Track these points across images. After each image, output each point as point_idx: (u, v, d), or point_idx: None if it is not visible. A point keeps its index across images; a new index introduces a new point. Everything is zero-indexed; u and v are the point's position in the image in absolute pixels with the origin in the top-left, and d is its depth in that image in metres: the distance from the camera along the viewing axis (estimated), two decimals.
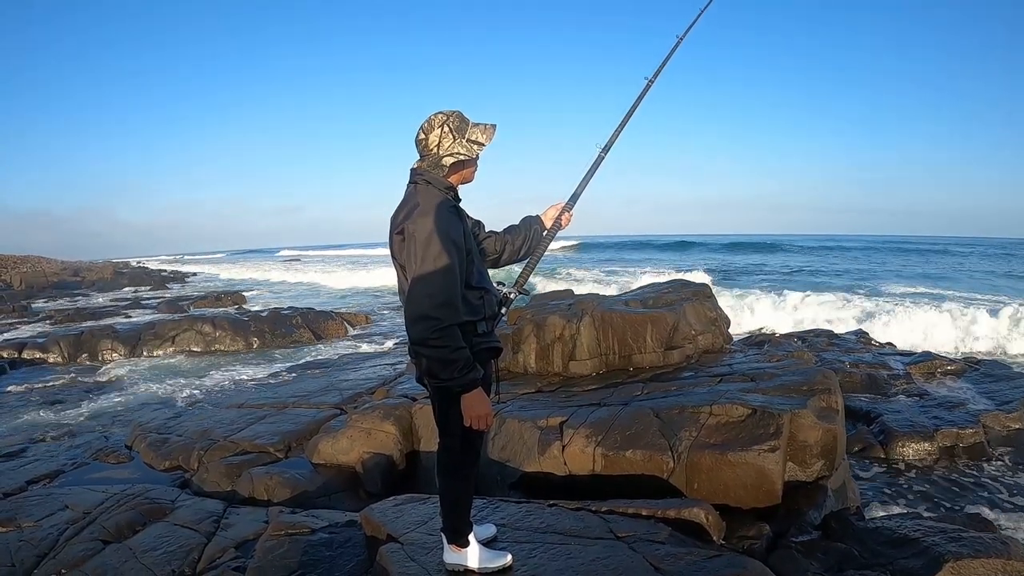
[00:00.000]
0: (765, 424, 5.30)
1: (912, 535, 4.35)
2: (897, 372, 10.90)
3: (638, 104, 4.24)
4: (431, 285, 3.04)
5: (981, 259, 51.15)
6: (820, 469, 5.42)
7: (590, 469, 5.57)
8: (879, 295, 25.13)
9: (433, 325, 3.02)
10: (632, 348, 7.76)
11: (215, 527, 5.66)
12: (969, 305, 19.30)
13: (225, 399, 10.99)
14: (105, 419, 10.94)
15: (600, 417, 5.97)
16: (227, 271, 58.01)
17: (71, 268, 50.30)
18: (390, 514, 4.53)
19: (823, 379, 6.20)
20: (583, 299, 8.96)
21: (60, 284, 42.25)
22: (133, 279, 48.16)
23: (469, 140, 3.31)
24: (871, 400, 9.51)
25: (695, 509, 4.35)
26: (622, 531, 4.06)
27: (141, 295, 36.00)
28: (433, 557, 3.79)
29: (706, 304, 8.69)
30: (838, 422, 5.66)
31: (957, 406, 8.87)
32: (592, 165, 4.03)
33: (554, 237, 3.87)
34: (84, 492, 6.39)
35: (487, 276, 3.49)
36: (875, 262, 49.90)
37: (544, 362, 8.05)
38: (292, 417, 8.99)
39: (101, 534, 5.46)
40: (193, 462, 7.98)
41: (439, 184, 3.28)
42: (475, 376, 3.13)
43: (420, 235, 3.08)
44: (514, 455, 6.03)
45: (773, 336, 14.58)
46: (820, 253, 60.12)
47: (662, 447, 5.36)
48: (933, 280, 34.03)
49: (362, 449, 7.09)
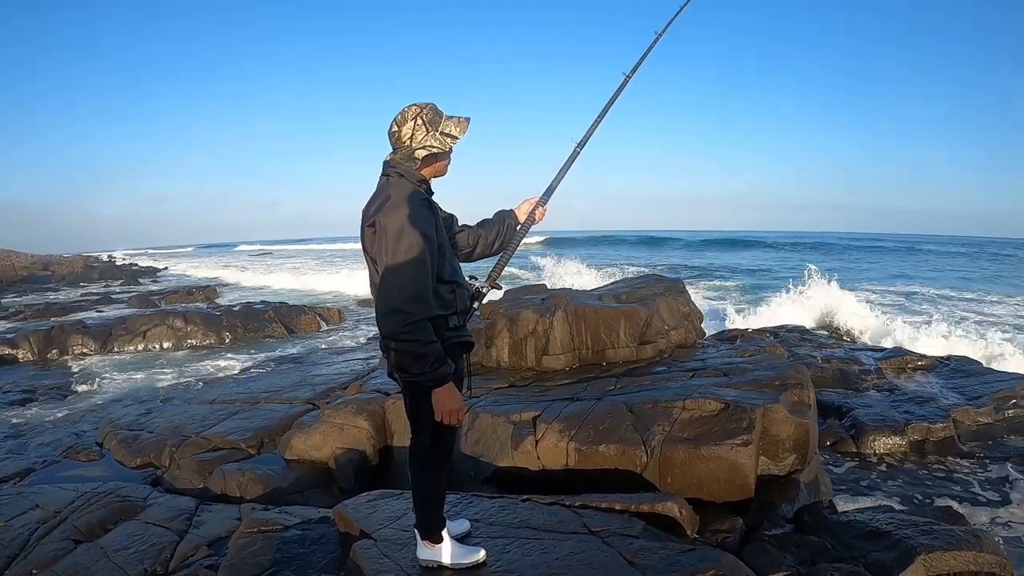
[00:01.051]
0: (738, 418, 5.32)
1: (884, 528, 4.38)
2: (868, 367, 10.97)
3: (615, 99, 4.24)
4: (402, 279, 3.01)
5: (957, 258, 51.43)
6: (792, 463, 5.45)
7: (564, 464, 5.57)
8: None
9: (404, 319, 3.00)
10: (605, 343, 7.76)
11: (187, 525, 5.60)
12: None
13: (197, 395, 10.90)
14: (75, 416, 10.81)
15: (573, 412, 5.97)
16: (196, 268, 56.91)
17: (41, 262, 49.65)
18: (363, 510, 4.50)
19: (795, 374, 6.23)
20: (556, 294, 8.95)
21: (30, 278, 41.77)
22: (104, 273, 47.68)
23: (442, 133, 3.28)
24: (842, 395, 9.57)
25: (669, 503, 4.35)
26: (596, 525, 4.06)
27: (112, 290, 35.61)
28: (407, 553, 3.77)
29: (679, 299, 8.71)
30: (810, 416, 5.70)
31: (927, 401, 8.94)
32: (567, 160, 4.02)
33: (528, 231, 3.85)
34: (55, 491, 6.30)
35: (459, 270, 3.47)
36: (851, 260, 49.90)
37: (517, 356, 8.04)
38: (264, 412, 8.93)
39: (72, 533, 5.39)
40: (165, 459, 7.91)
41: (411, 177, 3.25)
42: (446, 371, 3.12)
43: (391, 228, 3.06)
44: (487, 450, 6.02)
45: (746, 331, 14.63)
46: (800, 250, 60.20)
47: (635, 441, 5.36)
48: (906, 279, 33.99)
49: (335, 444, 7.05)
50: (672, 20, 4.62)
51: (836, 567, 4.07)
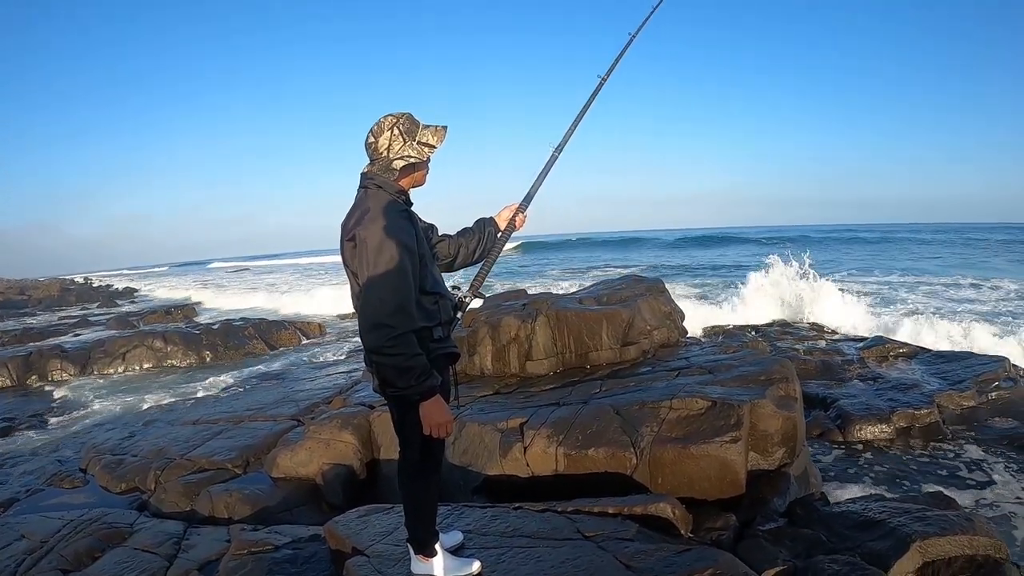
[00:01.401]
0: (726, 415, 5.33)
1: (878, 517, 4.39)
2: (851, 357, 11.05)
3: (591, 102, 4.22)
4: (384, 292, 2.98)
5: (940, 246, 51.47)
6: (782, 457, 5.46)
7: (553, 469, 5.55)
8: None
9: (388, 333, 2.96)
10: (588, 346, 7.76)
11: (176, 549, 5.54)
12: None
13: (180, 415, 10.78)
14: (58, 442, 10.66)
15: (560, 416, 5.96)
16: (173, 289, 55.57)
17: (17, 286, 49.23)
18: (354, 526, 4.46)
19: (780, 368, 6.25)
20: (537, 299, 8.95)
21: (6, 303, 41.32)
22: (80, 296, 47.27)
23: (420, 142, 3.25)
24: (827, 386, 9.61)
25: (661, 504, 4.34)
26: (589, 530, 4.04)
27: (89, 312, 35.31)
28: (400, 568, 3.73)
29: (660, 299, 8.73)
30: (797, 410, 5.72)
31: (911, 388, 9.00)
32: (546, 165, 4.00)
33: (509, 238, 3.83)
34: (40, 520, 6.23)
35: (441, 280, 3.44)
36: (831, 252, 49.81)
37: (500, 363, 8.02)
38: (249, 431, 8.86)
39: (60, 563, 5.32)
40: (150, 483, 7.82)
41: (390, 188, 3.21)
42: (433, 383, 3.08)
43: (372, 241, 3.02)
44: (476, 459, 5.99)
45: (728, 328, 14.68)
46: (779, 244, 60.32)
47: (624, 444, 5.35)
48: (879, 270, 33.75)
49: (321, 460, 7.00)
50: (645, 21, 4.62)
51: (832, 559, 4.06)
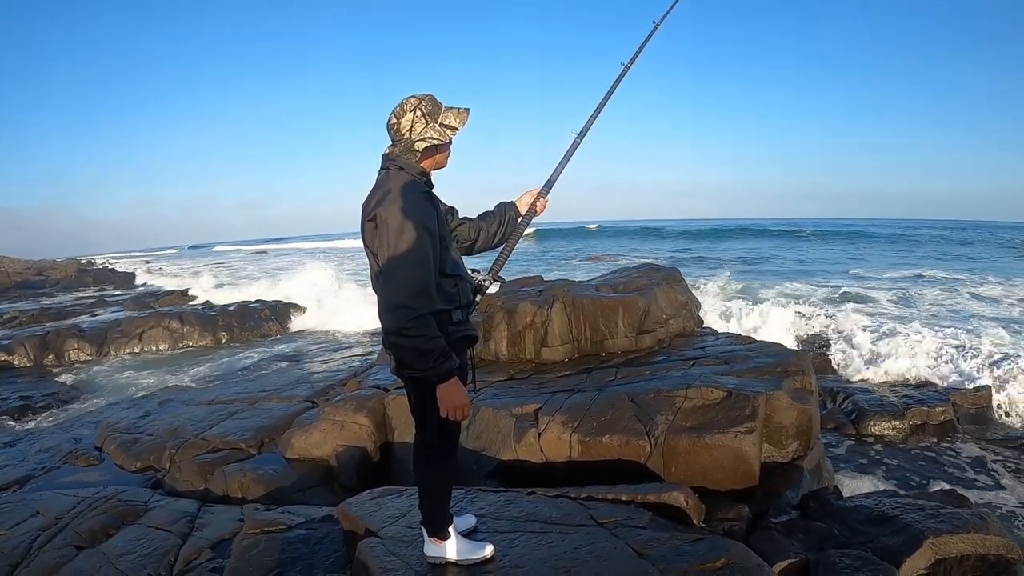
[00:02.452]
0: (741, 406, 5.31)
1: (891, 513, 4.37)
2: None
3: (614, 90, 4.21)
4: (405, 273, 2.97)
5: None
6: (796, 449, 5.44)
7: (567, 456, 5.55)
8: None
9: (407, 314, 2.96)
10: (604, 333, 7.74)
11: (190, 527, 5.58)
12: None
13: (195, 396, 10.83)
14: (73, 421, 10.77)
15: (575, 403, 5.96)
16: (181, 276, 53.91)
17: (35, 267, 49.40)
18: (367, 508, 4.47)
19: (797, 360, 6.23)
20: (553, 285, 8.94)
21: (24, 284, 41.59)
22: (98, 277, 47.53)
23: (442, 124, 3.24)
24: (843, 380, 9.59)
25: (675, 493, 4.33)
26: (603, 517, 4.04)
27: (106, 293, 35.53)
28: (413, 550, 3.74)
29: (676, 288, 8.69)
30: (812, 403, 5.69)
31: (926, 384, 8.98)
32: (567, 151, 3.99)
33: (529, 223, 3.83)
34: (55, 497, 6.27)
35: (461, 263, 3.42)
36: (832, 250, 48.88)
37: (516, 349, 8.01)
38: (263, 412, 8.90)
39: (74, 540, 5.36)
40: (165, 461, 7.87)
41: (411, 170, 3.20)
42: (451, 366, 3.07)
43: (392, 222, 3.01)
44: (489, 444, 6.00)
45: None
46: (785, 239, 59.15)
47: (638, 432, 5.34)
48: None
49: (336, 442, 7.02)
50: (670, 10, 4.58)
51: (844, 552, 4.05)
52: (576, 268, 33.64)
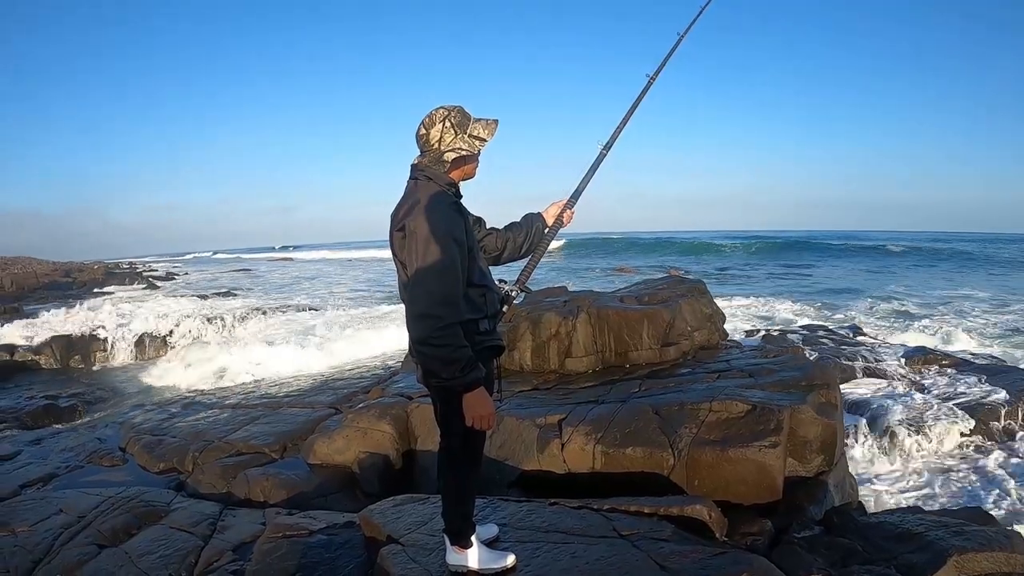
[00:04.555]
0: (765, 420, 5.29)
1: (915, 530, 4.33)
2: (893, 366, 10.93)
3: (639, 102, 4.21)
4: (433, 283, 2.99)
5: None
6: (820, 464, 5.42)
7: (590, 467, 5.55)
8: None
9: (435, 324, 2.97)
10: (628, 345, 7.73)
11: (211, 530, 5.60)
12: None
13: (219, 400, 10.91)
14: (98, 421, 10.90)
15: (599, 414, 5.95)
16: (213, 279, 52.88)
17: (62, 269, 49.73)
18: (389, 515, 4.48)
19: (822, 374, 6.20)
20: (578, 295, 8.95)
21: (52, 285, 41.79)
22: (125, 280, 47.86)
23: (471, 136, 3.25)
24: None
25: (697, 506, 4.31)
26: (625, 529, 4.02)
27: (133, 295, 35.76)
28: (435, 559, 3.74)
29: (701, 300, 8.68)
30: (837, 417, 5.68)
31: (953, 400, 8.90)
32: (594, 163, 4.00)
33: (556, 235, 3.83)
34: (78, 495, 6.32)
35: (489, 273, 3.43)
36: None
37: (540, 359, 8.01)
38: (287, 417, 8.95)
39: (96, 538, 5.41)
40: (188, 464, 7.93)
41: (440, 180, 3.22)
42: (477, 375, 3.08)
43: (421, 232, 3.03)
44: (512, 453, 6.00)
45: (768, 332, 14.57)
46: None
47: (662, 444, 5.34)
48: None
49: (358, 449, 7.04)
50: (694, 21, 4.58)
51: (867, 569, 4.03)
52: (613, 279, 33.10)
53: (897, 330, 16.63)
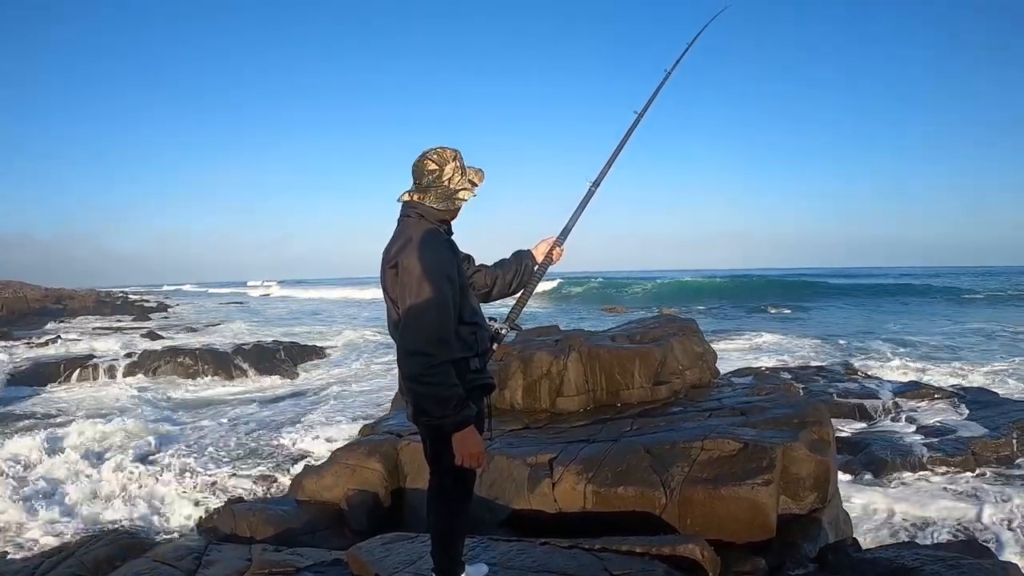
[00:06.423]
0: (758, 458, 5.27)
1: (911, 565, 4.29)
2: (885, 402, 10.94)
3: (627, 138, 4.22)
4: (425, 320, 2.98)
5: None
6: (813, 501, 5.40)
7: (581, 506, 5.50)
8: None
9: (426, 361, 2.96)
10: (620, 384, 7.70)
11: (196, 564, 5.52)
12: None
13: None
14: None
15: (590, 453, 5.91)
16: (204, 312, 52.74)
17: (53, 295, 49.72)
18: (377, 553, 4.43)
19: (814, 411, 6.20)
20: (570, 335, 8.92)
21: (42, 311, 41.80)
22: (116, 308, 47.87)
23: (469, 180, 3.29)
24: (860, 430, 9.52)
25: (690, 545, 4.27)
26: (616, 569, 3.98)
27: (123, 324, 35.73)
28: None
29: (693, 339, 8.67)
30: (830, 454, 5.66)
31: (946, 433, 8.92)
32: (583, 199, 4.00)
33: (545, 272, 3.82)
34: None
35: (480, 311, 3.42)
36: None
37: (531, 398, 7.96)
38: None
39: (80, 569, 5.33)
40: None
41: (432, 217, 3.23)
42: (468, 414, 3.06)
43: (414, 269, 3.02)
44: (503, 492, 5.95)
45: (760, 370, 14.57)
46: None
47: (654, 483, 5.31)
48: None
49: (347, 486, 6.97)
50: (680, 57, 4.61)
51: None
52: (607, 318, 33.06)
53: (887, 366, 16.76)
